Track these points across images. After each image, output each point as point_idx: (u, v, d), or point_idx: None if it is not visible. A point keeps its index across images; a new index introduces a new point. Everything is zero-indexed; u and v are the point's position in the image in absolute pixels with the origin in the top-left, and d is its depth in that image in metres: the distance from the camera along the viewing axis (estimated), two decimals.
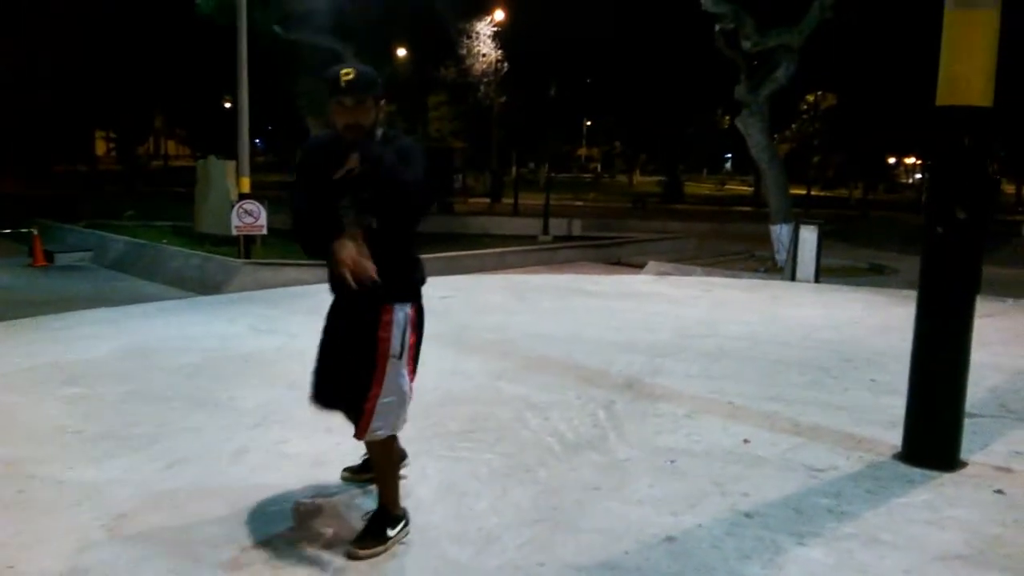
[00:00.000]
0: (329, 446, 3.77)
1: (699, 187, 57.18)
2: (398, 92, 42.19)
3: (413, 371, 3.02)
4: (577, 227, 25.26)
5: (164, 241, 17.89)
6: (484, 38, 38.65)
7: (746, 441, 4.11)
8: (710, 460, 3.85)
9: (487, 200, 37.20)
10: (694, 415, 4.51)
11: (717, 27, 15.10)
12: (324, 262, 2.83)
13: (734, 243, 22.14)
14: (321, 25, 18.42)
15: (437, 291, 8.25)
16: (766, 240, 15.66)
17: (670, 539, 3.05)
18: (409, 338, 2.92)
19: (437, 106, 40.90)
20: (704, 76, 29.58)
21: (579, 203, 39.50)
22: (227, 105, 37.75)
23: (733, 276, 12.49)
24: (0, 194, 26.71)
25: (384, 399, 2.84)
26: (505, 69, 37.33)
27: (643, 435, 4.15)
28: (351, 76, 2.76)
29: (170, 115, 42.79)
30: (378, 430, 2.86)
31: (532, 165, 56.70)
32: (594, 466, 3.74)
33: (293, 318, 6.78)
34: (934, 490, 3.57)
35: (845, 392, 5.05)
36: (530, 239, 23.05)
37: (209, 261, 15.06)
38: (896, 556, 2.96)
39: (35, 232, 17.10)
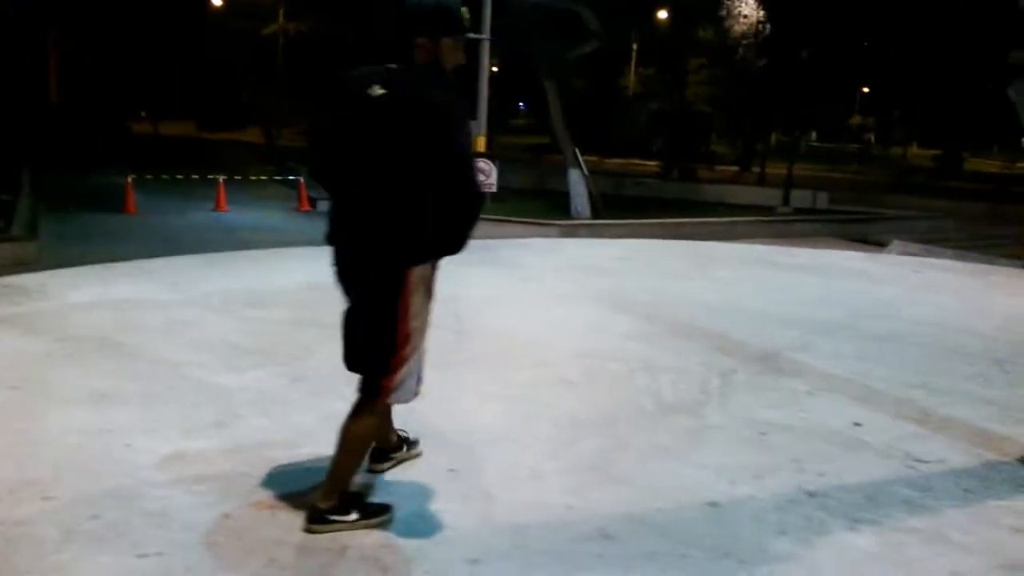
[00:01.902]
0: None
1: (985, 164, 51.31)
2: (656, 54, 41.69)
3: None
4: (823, 200, 23.81)
5: None
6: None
7: (857, 424, 3.91)
8: (805, 437, 3.72)
9: (736, 168, 36.03)
10: (816, 393, 4.34)
11: None
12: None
13: (1009, 227, 19.91)
14: None
15: (615, 252, 8.36)
16: None
17: (713, 504, 3.05)
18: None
19: (697, 69, 39.91)
20: (985, 40, 26.46)
21: (837, 175, 37.06)
22: (494, 69, 39.54)
23: (987, 263, 11.32)
24: (278, 146, 30.03)
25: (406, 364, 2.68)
26: (767, 31, 35.67)
27: (747, 406, 4.08)
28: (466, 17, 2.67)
29: None
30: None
31: (797, 133, 53.80)
32: (677, 429, 3.76)
33: (462, 269, 7.16)
34: None
35: (1009, 388, 4.58)
36: (767, 210, 22.15)
37: None
38: (955, 557, 2.77)
39: (301, 179, 19.18)
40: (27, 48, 23.42)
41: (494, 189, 16.92)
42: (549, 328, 5.37)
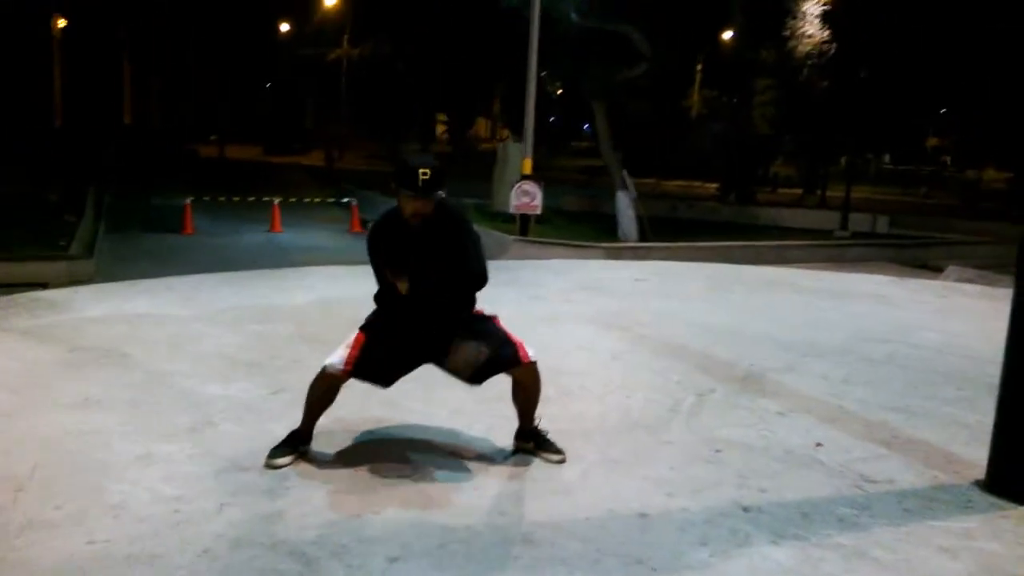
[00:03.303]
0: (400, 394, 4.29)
1: None
2: (720, 75, 41.41)
3: None
4: (883, 224, 23.38)
5: None
6: (811, 18, 36.67)
7: (818, 444, 3.95)
8: (758, 455, 3.79)
9: (799, 191, 35.48)
10: (787, 414, 4.38)
11: None
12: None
13: None
14: (617, 11, 18.77)
15: (633, 273, 8.45)
16: None
17: (643, 515, 3.15)
18: None
19: (764, 90, 39.53)
20: None
21: (906, 198, 36.18)
22: (559, 92, 40.05)
23: None
24: (341, 169, 30.82)
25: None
26: (832, 51, 35.14)
27: (711, 424, 4.15)
28: (428, 176, 3.17)
29: (504, 101, 46.09)
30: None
31: (870, 155, 52.81)
32: (633, 444, 3.86)
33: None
34: (986, 521, 3.24)
35: (991, 413, 4.51)
36: (824, 234, 21.84)
37: (487, 236, 16.37)
38: (868, 573, 2.82)
39: (354, 202, 19.73)
40: (105, 73, 24.67)
41: (539, 212, 17.13)
42: (538, 346, 5.47)
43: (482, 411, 4.22)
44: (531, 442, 3.69)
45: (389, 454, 3.59)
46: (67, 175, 19.37)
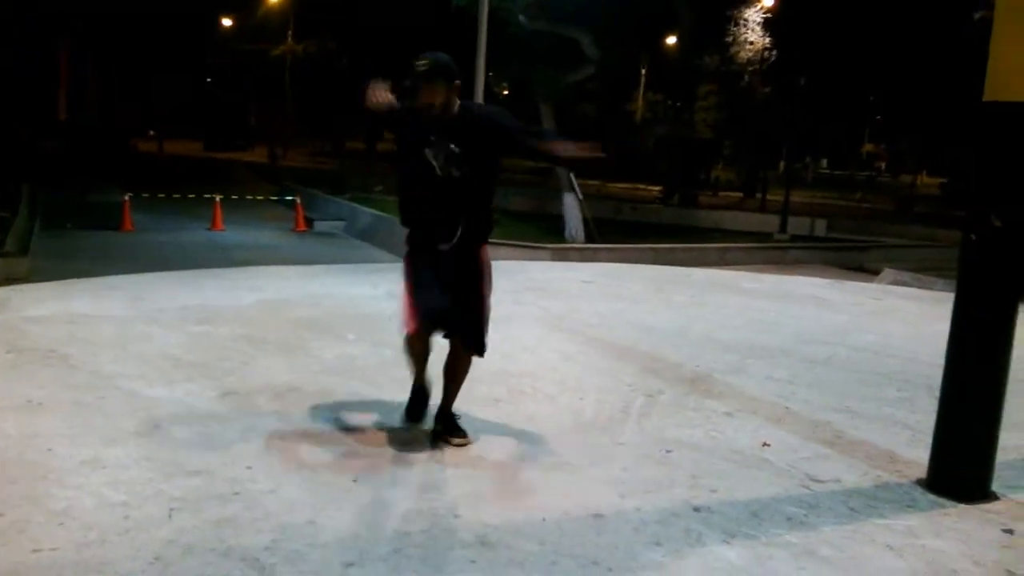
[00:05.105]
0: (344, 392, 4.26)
1: None
2: (665, 80, 42.02)
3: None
4: (821, 227, 23.98)
5: None
6: (753, 25, 37.40)
7: (765, 444, 4.04)
8: (707, 455, 3.85)
9: (739, 195, 36.16)
10: (735, 414, 4.46)
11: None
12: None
13: None
14: (565, 14, 18.90)
15: (579, 275, 8.51)
16: None
17: (598, 516, 3.18)
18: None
19: (707, 96, 40.16)
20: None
21: (843, 203, 37.09)
22: (504, 92, 40.12)
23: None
24: (287, 167, 30.40)
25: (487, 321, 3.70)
26: (772, 58, 35.87)
27: (661, 425, 4.21)
28: (424, 67, 3.40)
29: None
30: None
31: (808, 160, 54.17)
32: (586, 446, 3.89)
33: None
34: (929, 519, 3.35)
35: (931, 413, 4.60)
36: (764, 237, 22.33)
37: None
38: (816, 570, 2.89)
39: (298, 201, 19.49)
40: (38, 65, 23.93)
41: None
42: (489, 348, 5.50)
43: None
44: (442, 424, 3.82)
45: (343, 458, 3.56)
46: None
